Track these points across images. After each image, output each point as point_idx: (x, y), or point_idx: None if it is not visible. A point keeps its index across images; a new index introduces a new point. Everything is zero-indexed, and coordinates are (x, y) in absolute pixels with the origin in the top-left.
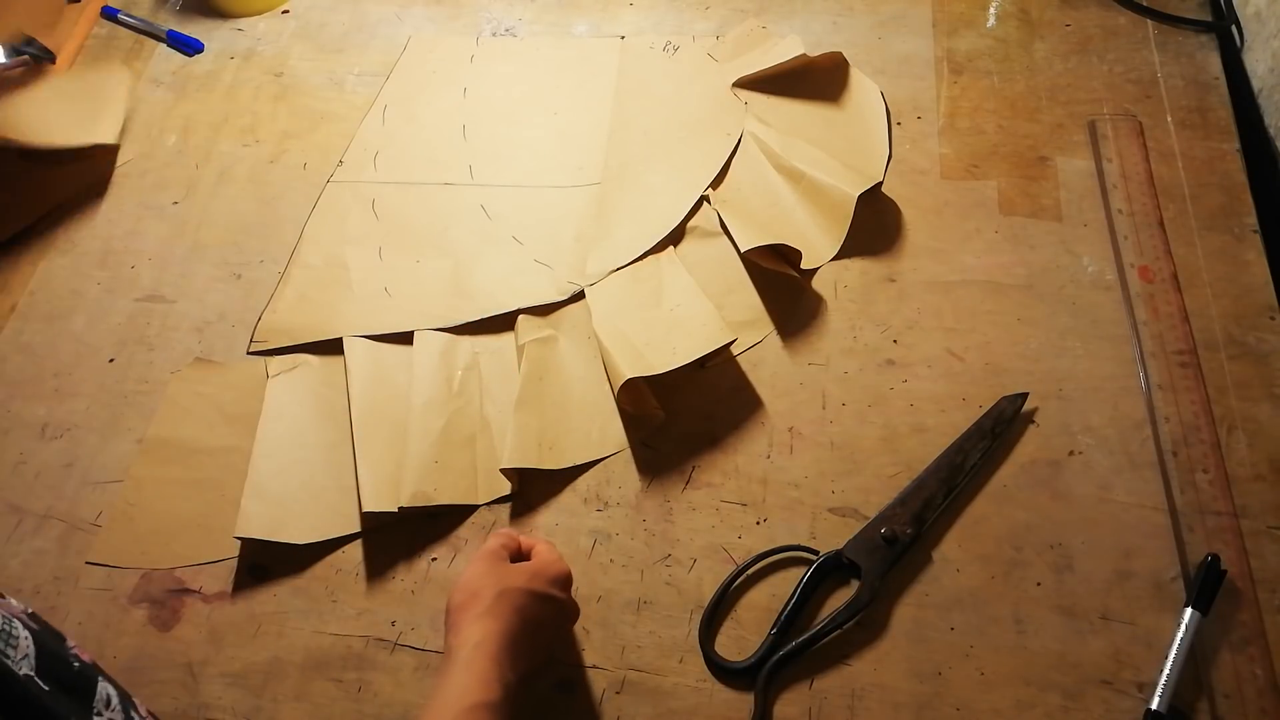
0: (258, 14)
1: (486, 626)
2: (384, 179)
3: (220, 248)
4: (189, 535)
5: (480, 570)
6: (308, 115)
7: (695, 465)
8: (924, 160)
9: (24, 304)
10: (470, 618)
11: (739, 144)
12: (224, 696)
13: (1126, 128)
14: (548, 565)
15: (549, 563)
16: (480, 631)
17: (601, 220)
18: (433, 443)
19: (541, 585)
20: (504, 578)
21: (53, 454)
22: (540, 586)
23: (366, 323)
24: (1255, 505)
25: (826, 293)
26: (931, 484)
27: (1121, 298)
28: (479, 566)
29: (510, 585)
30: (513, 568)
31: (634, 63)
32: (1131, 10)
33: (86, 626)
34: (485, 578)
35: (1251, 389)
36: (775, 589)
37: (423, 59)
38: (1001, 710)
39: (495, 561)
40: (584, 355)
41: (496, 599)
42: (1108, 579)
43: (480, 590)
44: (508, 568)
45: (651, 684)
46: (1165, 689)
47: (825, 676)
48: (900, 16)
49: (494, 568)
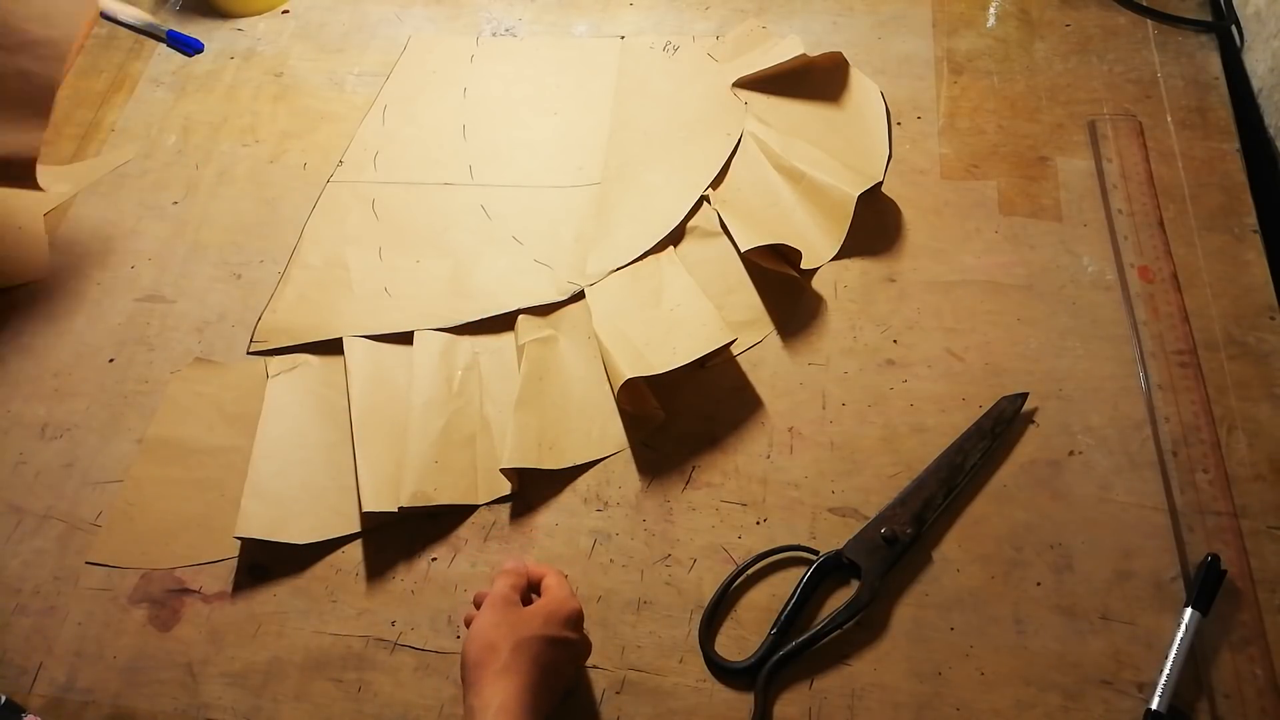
0: (258, 14)
1: (507, 687)
2: (384, 179)
3: (220, 248)
4: (189, 535)
5: (493, 620)
6: (308, 115)
7: (695, 465)
8: (924, 160)
9: (24, 304)
10: (489, 676)
11: (739, 144)
12: (224, 696)
13: (1126, 128)
14: (560, 606)
15: (561, 602)
16: (502, 693)
17: (601, 220)
18: (433, 443)
19: (556, 630)
20: (518, 627)
21: (53, 454)
22: (555, 631)
23: (366, 323)
24: (1255, 505)
25: (826, 293)
26: (931, 484)
27: (1121, 298)
28: (491, 616)
29: (525, 635)
30: (526, 614)
31: (634, 63)
32: (1131, 10)
33: (86, 626)
34: (499, 629)
35: (1251, 389)
36: (775, 589)
37: (423, 59)
38: (1001, 710)
39: (507, 609)
40: (584, 355)
41: (513, 653)
42: (1108, 579)
43: (496, 643)
44: (520, 614)
45: (651, 684)
46: (1165, 689)
47: (825, 676)
48: (900, 16)
49: (507, 616)
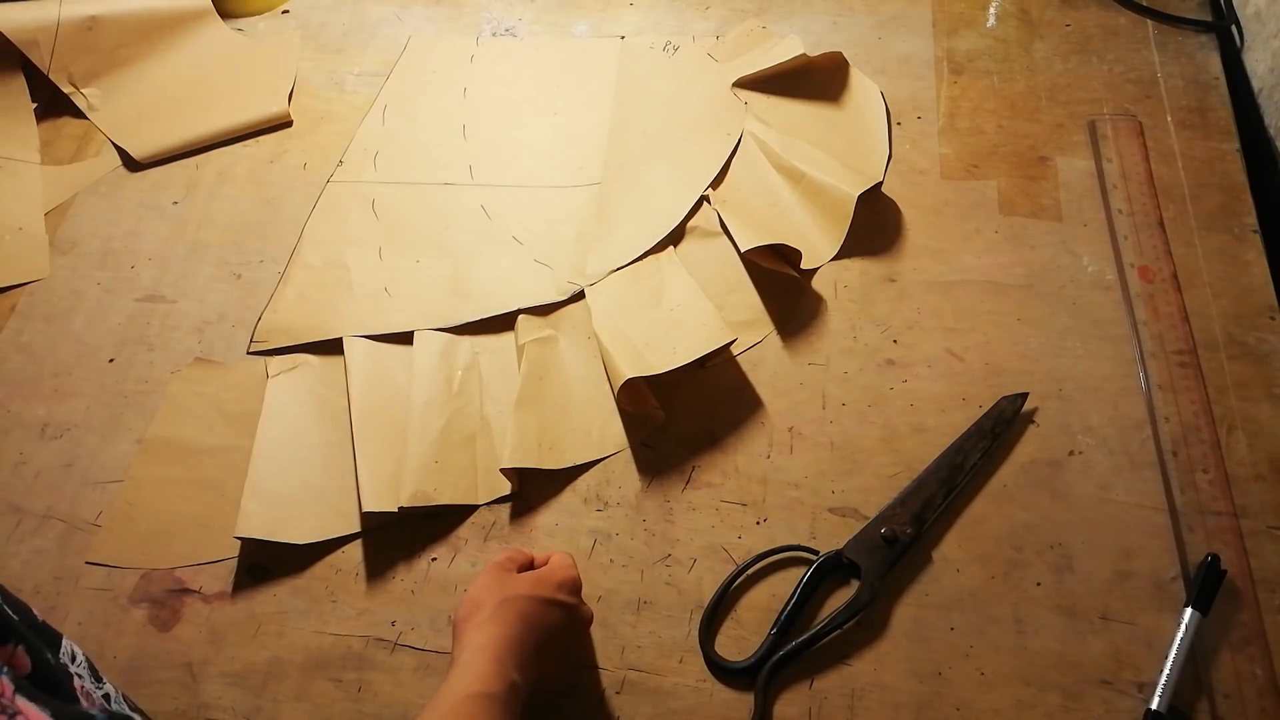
0: (258, 14)
1: (488, 632)
2: (384, 179)
3: (220, 248)
4: (189, 535)
5: (485, 583)
6: (308, 115)
7: (695, 465)
8: (924, 160)
9: (24, 304)
10: (473, 626)
11: (739, 144)
12: (224, 696)
13: (1126, 128)
14: (554, 571)
15: (556, 568)
16: (482, 636)
17: (601, 220)
18: (433, 443)
19: (547, 591)
20: (507, 587)
21: (53, 454)
22: (545, 592)
23: (366, 323)
24: (1255, 505)
25: (826, 293)
26: (931, 484)
27: (1121, 298)
28: (484, 579)
29: (513, 593)
30: (517, 576)
31: (634, 63)
32: (1131, 10)
33: (86, 626)
34: (489, 589)
35: (1251, 389)
36: (775, 589)
37: (423, 59)
38: (1001, 710)
39: (500, 573)
40: (584, 355)
41: (499, 606)
42: (1108, 579)
43: (483, 600)
44: (512, 577)
45: (651, 684)
46: (1165, 689)
47: (825, 676)
48: (900, 16)
49: (498, 579)
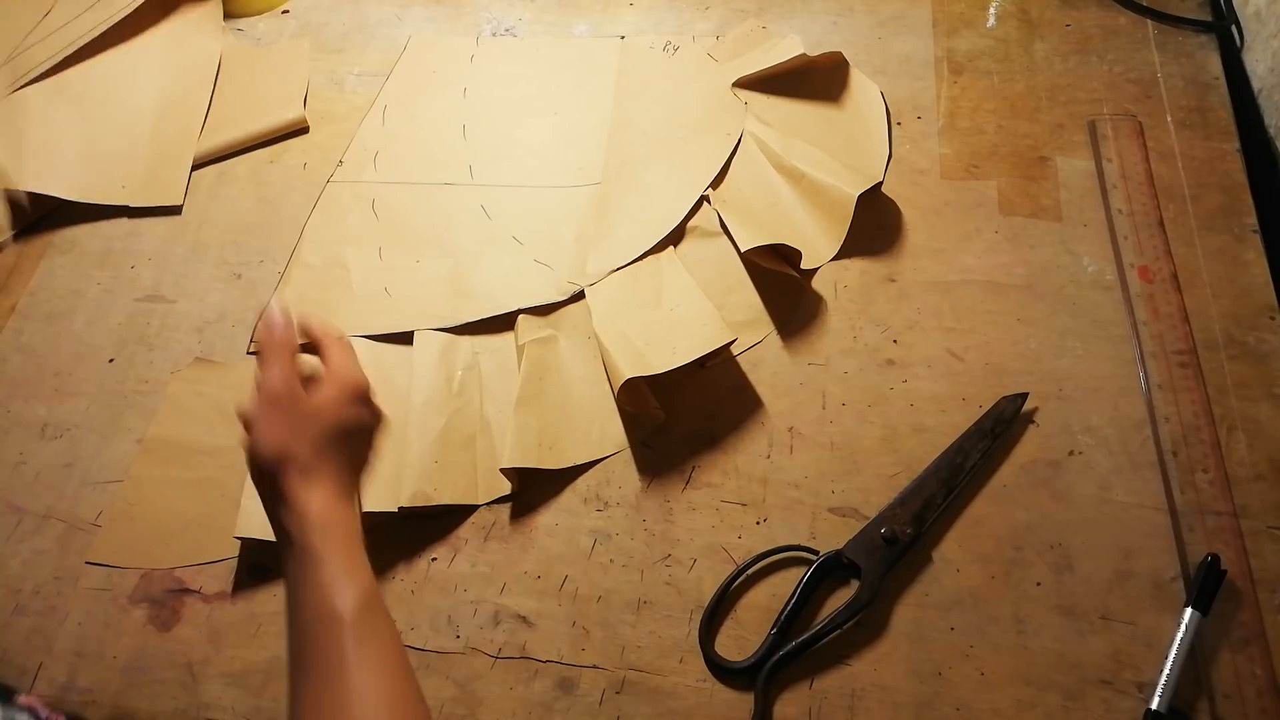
0: (258, 14)
1: (320, 492)
2: (384, 179)
3: (220, 248)
4: (189, 535)
5: (278, 422)
6: (308, 115)
7: (695, 465)
8: (924, 160)
9: (24, 304)
10: (294, 483)
11: (739, 144)
12: (224, 696)
13: (1126, 128)
14: (345, 387)
15: (345, 383)
16: (318, 500)
17: (602, 220)
18: (433, 443)
19: (350, 412)
20: (309, 422)
21: (53, 454)
22: (350, 414)
23: (366, 323)
24: (1255, 505)
25: (826, 293)
26: (931, 484)
27: (1121, 298)
28: (274, 416)
29: (319, 428)
30: (314, 407)
31: (634, 63)
32: (1131, 10)
33: (86, 626)
34: (290, 432)
35: (1251, 389)
36: (775, 589)
37: (423, 59)
38: (1001, 710)
39: (291, 404)
40: (584, 355)
41: (314, 453)
42: (1108, 579)
43: (289, 445)
44: (307, 407)
45: (651, 684)
46: (1165, 689)
47: (825, 676)
48: (900, 16)
49: (292, 413)
